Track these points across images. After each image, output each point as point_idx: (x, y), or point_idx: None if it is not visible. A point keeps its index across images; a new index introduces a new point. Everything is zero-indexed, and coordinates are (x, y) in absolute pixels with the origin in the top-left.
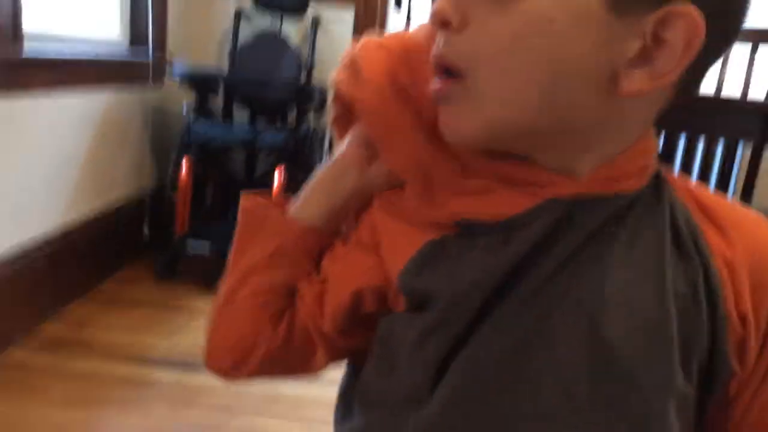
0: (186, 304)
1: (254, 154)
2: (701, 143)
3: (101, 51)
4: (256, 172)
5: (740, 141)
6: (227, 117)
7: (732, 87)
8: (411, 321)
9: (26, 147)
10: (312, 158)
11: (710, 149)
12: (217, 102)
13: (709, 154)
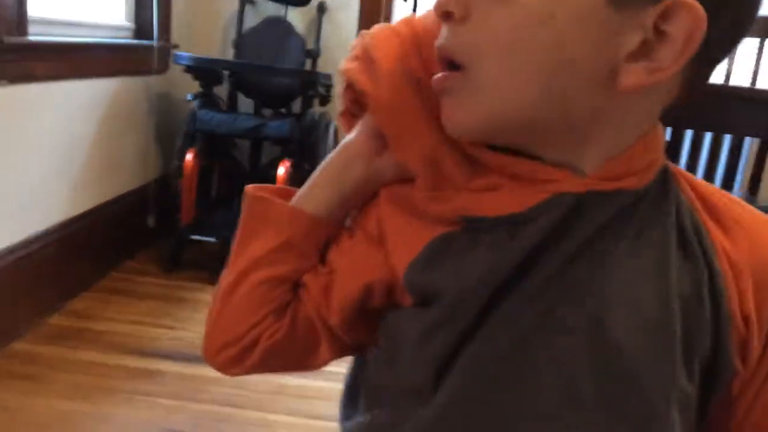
0: (191, 295)
1: (259, 143)
2: (708, 136)
3: (106, 37)
4: (262, 161)
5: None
6: (232, 105)
7: (740, 79)
8: (417, 316)
9: (30, 134)
10: (317, 147)
11: (717, 142)
12: (222, 90)
13: (716, 147)
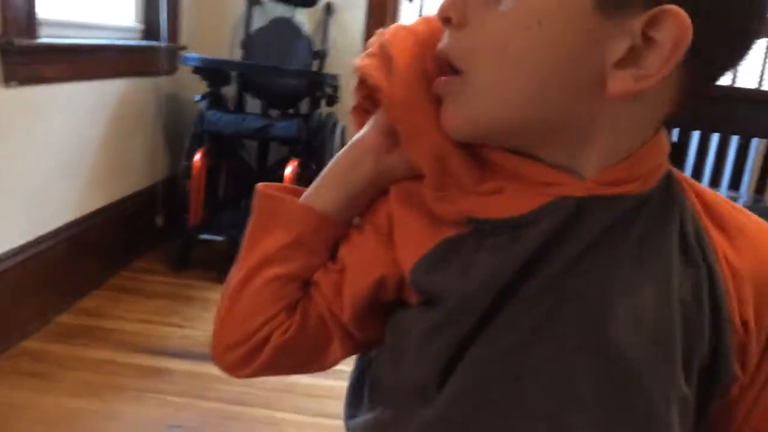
0: (200, 294)
1: (267, 143)
2: (715, 137)
3: (115, 38)
4: (269, 161)
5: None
6: (240, 106)
7: (747, 81)
8: (421, 316)
9: (40, 135)
10: (324, 147)
11: (724, 143)
12: (230, 91)
13: (723, 148)
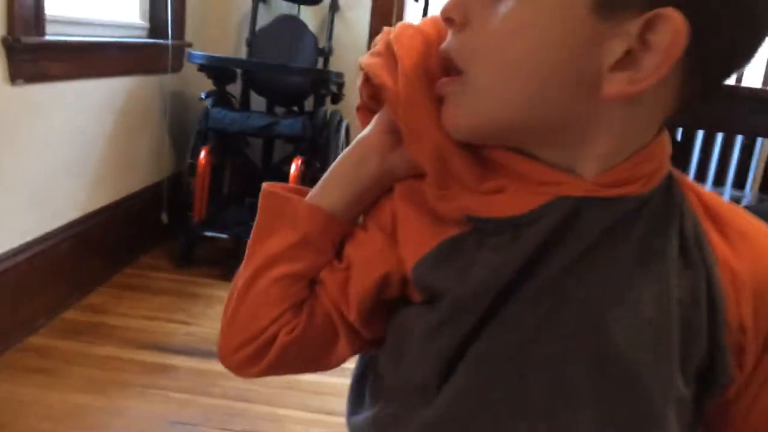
0: (204, 291)
1: (272, 141)
2: (719, 136)
3: (121, 36)
4: (274, 159)
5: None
6: (245, 104)
7: (752, 80)
8: (423, 314)
9: (46, 132)
10: (329, 145)
11: (728, 142)
12: (235, 89)
13: (728, 147)
